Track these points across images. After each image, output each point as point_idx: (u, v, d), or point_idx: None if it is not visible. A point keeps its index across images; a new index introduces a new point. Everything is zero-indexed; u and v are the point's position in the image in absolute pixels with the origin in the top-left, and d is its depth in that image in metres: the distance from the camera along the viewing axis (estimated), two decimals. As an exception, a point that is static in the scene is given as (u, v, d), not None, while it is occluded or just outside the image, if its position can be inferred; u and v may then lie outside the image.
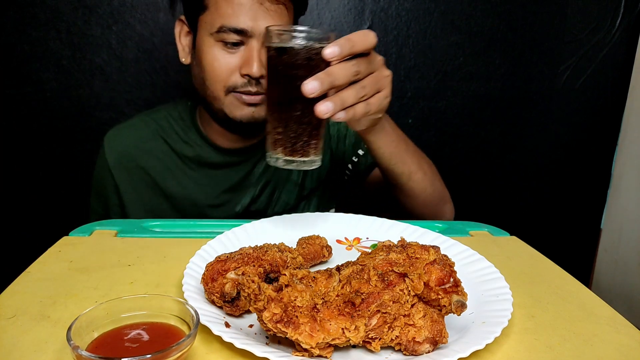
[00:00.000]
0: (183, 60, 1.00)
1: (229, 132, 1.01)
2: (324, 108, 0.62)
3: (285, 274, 0.47)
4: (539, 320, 0.55)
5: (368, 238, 0.77)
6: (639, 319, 0.61)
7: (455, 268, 0.50)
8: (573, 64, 1.48)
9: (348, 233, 0.78)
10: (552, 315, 0.57)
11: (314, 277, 0.49)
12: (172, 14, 1.02)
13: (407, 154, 0.88)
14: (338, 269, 0.52)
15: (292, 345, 0.46)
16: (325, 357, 0.45)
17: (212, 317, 0.49)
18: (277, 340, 0.48)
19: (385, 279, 0.48)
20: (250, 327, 0.51)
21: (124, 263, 0.66)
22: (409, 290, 0.47)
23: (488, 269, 0.62)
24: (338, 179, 1.15)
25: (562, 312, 0.57)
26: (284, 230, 0.75)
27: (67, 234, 0.76)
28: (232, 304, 0.51)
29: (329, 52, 0.61)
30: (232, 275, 0.52)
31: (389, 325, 0.46)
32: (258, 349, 0.43)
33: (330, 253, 0.68)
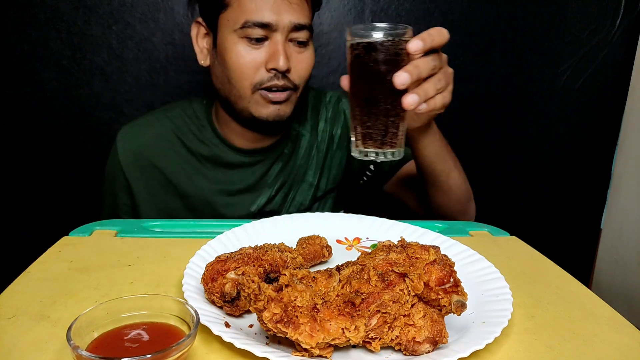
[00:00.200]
0: (202, 63, 0.98)
1: (251, 131, 1.00)
2: (411, 100, 0.66)
3: (285, 274, 0.47)
4: (539, 320, 0.55)
5: (368, 238, 0.77)
6: (639, 319, 0.61)
7: (455, 268, 0.50)
8: (573, 64, 1.48)
9: (348, 233, 0.78)
10: (552, 315, 0.57)
11: (314, 277, 0.49)
12: (190, 16, 1.00)
13: (447, 152, 0.91)
14: (338, 269, 0.52)
15: (292, 345, 0.46)
16: (325, 357, 0.45)
17: (212, 317, 0.49)
18: (277, 340, 0.48)
19: (385, 279, 0.48)
20: (250, 327, 0.51)
21: (124, 263, 0.66)
22: (409, 290, 0.47)
23: (488, 269, 0.62)
24: (355, 180, 1.14)
25: (562, 312, 0.57)
26: (284, 230, 0.75)
27: (67, 234, 0.76)
28: (232, 304, 0.51)
29: (414, 46, 0.65)
30: (232, 275, 0.52)
31: (389, 325, 0.46)
32: (258, 349, 0.43)
33: (330, 253, 0.68)
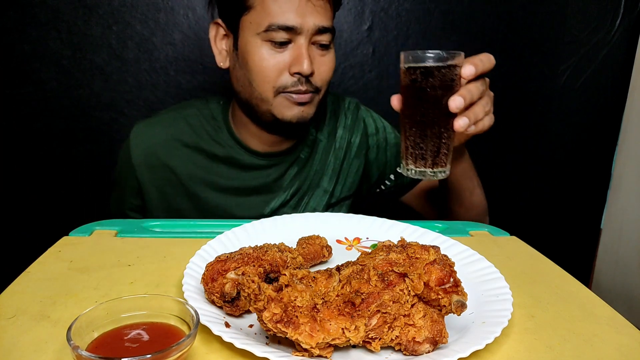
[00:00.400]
0: (221, 65, 0.97)
1: (270, 134, 0.99)
2: (462, 122, 0.69)
3: (285, 274, 0.47)
4: (539, 320, 0.55)
5: (368, 238, 0.77)
6: (639, 319, 0.61)
7: (455, 268, 0.50)
8: (573, 64, 1.48)
9: (348, 233, 0.78)
10: (552, 315, 0.57)
11: (314, 277, 0.49)
12: (210, 17, 0.99)
13: (472, 171, 0.96)
14: (338, 269, 0.52)
15: (292, 345, 0.46)
16: (325, 357, 0.45)
17: (212, 317, 0.49)
18: (277, 340, 0.48)
19: (385, 279, 0.48)
20: (250, 327, 0.51)
21: (124, 263, 0.66)
22: (409, 290, 0.47)
23: (488, 269, 0.62)
24: (370, 190, 1.13)
25: (562, 312, 0.57)
26: (284, 230, 0.75)
27: (67, 234, 0.76)
28: (232, 304, 0.51)
29: (468, 71, 0.69)
30: (232, 275, 0.52)
31: (389, 325, 0.46)
32: (258, 349, 0.43)
33: (330, 253, 0.68)
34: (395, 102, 0.75)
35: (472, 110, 0.71)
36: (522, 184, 1.59)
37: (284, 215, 0.78)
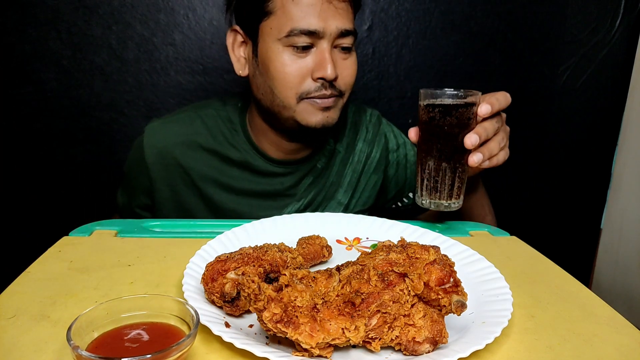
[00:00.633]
0: (240, 73, 0.95)
1: (292, 141, 0.97)
2: (476, 158, 0.73)
3: (285, 274, 0.47)
4: (539, 320, 0.55)
5: (368, 238, 0.77)
6: (639, 319, 0.61)
7: (455, 268, 0.50)
8: (573, 64, 1.48)
9: (348, 233, 0.78)
10: (552, 315, 0.57)
11: (314, 277, 0.49)
12: (228, 24, 0.96)
13: (484, 199, 0.98)
14: (338, 269, 0.52)
15: (292, 345, 0.46)
16: (325, 357, 0.45)
17: (212, 317, 0.49)
18: (277, 340, 0.48)
19: (385, 279, 0.48)
20: (250, 327, 0.51)
21: (124, 263, 0.66)
22: (409, 290, 0.47)
23: (488, 269, 0.62)
24: (386, 205, 1.12)
25: (562, 312, 0.57)
26: (284, 230, 0.75)
27: (67, 234, 0.76)
28: (232, 304, 0.51)
29: (484, 110, 0.72)
30: (232, 275, 0.52)
31: (389, 325, 0.46)
32: (258, 349, 0.43)
33: (330, 253, 0.68)
34: (413, 135, 0.79)
35: (487, 147, 0.75)
36: (522, 184, 1.59)
37: (284, 215, 0.78)
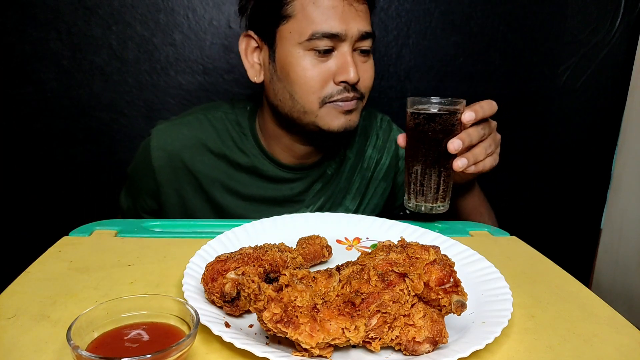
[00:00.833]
0: (255, 80, 0.93)
1: (309, 145, 0.96)
2: (460, 163, 0.76)
3: (285, 274, 0.47)
4: (539, 320, 0.55)
5: (368, 238, 0.77)
6: (639, 319, 0.61)
7: (455, 268, 0.50)
8: (573, 64, 1.48)
9: (348, 233, 0.78)
10: (552, 315, 0.57)
11: (314, 277, 0.49)
12: (245, 28, 0.94)
13: (483, 207, 0.99)
14: (338, 269, 0.52)
15: (292, 345, 0.46)
16: (325, 357, 0.45)
17: (212, 317, 0.49)
18: (277, 340, 0.48)
19: (385, 279, 0.48)
20: (250, 327, 0.51)
21: (124, 263, 0.66)
22: (409, 290, 0.47)
23: (488, 269, 0.62)
24: (394, 211, 1.12)
25: (562, 312, 0.57)
26: (284, 230, 0.75)
27: (67, 234, 0.76)
28: (232, 304, 0.51)
29: (467, 117, 0.75)
30: (232, 275, 0.52)
31: (389, 325, 0.46)
32: (258, 349, 0.43)
33: (330, 253, 0.68)
34: (402, 140, 0.81)
35: (472, 152, 0.77)
36: (522, 184, 1.59)
37: (284, 215, 0.78)
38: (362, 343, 0.46)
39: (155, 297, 0.46)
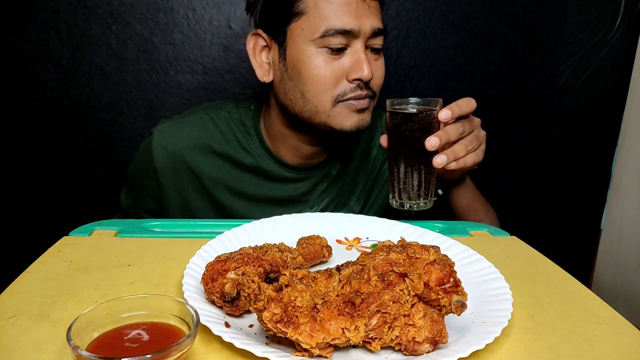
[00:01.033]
0: (264, 79, 0.91)
1: (314, 145, 0.95)
2: (439, 160, 0.76)
3: (285, 274, 0.47)
4: (539, 320, 0.55)
5: (368, 238, 0.77)
6: (639, 319, 0.61)
7: (455, 268, 0.50)
8: (573, 64, 1.48)
9: (348, 233, 0.78)
10: (552, 315, 0.57)
11: (314, 277, 0.49)
12: (254, 26, 0.93)
13: (479, 204, 0.99)
14: (338, 269, 0.52)
15: (292, 345, 0.46)
16: (325, 357, 0.45)
17: (212, 317, 0.49)
18: (277, 340, 0.48)
19: (385, 279, 0.48)
20: (250, 327, 0.51)
21: (124, 263, 0.66)
22: (409, 290, 0.47)
23: (488, 269, 0.62)
24: (398, 212, 1.12)
25: (562, 312, 0.57)
26: (284, 230, 0.75)
27: (67, 234, 0.76)
28: (232, 304, 0.51)
29: (444, 115, 0.75)
30: (232, 275, 0.52)
31: (389, 325, 0.46)
32: (258, 349, 0.43)
33: (330, 253, 0.68)
34: (384, 140, 0.82)
35: (452, 149, 0.77)
36: (522, 184, 1.59)
37: (284, 215, 0.78)
38: (362, 343, 0.46)
39: (155, 297, 0.46)
